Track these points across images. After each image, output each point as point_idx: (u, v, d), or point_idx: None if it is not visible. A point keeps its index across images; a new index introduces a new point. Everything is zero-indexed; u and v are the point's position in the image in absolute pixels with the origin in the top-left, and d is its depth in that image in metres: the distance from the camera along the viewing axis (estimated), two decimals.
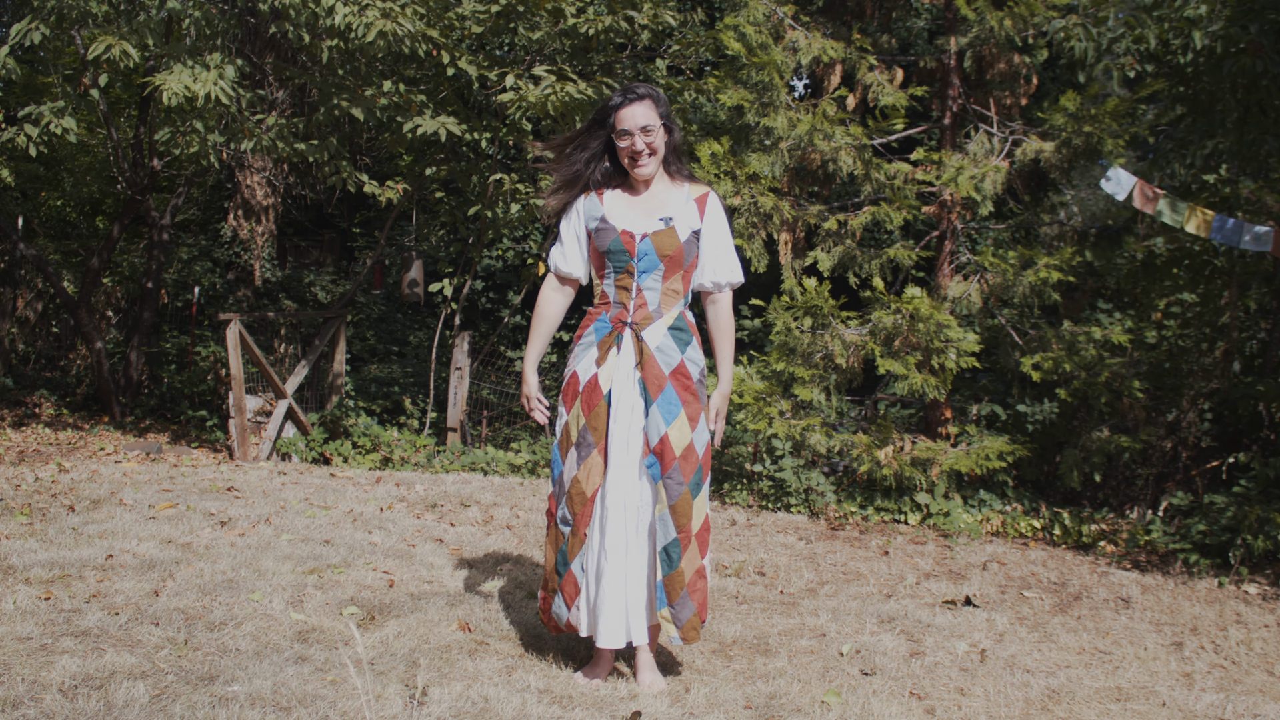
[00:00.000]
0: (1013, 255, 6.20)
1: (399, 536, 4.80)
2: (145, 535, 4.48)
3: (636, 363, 3.02)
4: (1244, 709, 3.17)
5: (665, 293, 3.04)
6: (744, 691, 3.06)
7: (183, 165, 9.71)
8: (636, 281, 3.02)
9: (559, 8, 7.81)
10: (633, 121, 2.97)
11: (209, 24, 7.57)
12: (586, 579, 3.03)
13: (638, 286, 3.03)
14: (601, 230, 3.04)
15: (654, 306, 3.03)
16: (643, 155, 3.00)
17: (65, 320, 11.21)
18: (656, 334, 3.02)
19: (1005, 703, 3.10)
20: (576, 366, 3.08)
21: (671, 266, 3.03)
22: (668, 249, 3.01)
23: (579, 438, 3.03)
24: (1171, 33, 6.03)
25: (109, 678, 2.78)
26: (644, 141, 2.98)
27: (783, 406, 6.15)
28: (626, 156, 3.02)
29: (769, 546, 5.18)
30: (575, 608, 3.04)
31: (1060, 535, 5.82)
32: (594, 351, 3.05)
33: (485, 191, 8.49)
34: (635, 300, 3.03)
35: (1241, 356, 6.82)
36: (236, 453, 7.94)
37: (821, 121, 6.15)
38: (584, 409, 3.03)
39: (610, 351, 3.03)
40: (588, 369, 3.05)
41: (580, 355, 3.08)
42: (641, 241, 3.00)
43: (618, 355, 3.03)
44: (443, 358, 9.70)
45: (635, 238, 3.00)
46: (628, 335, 3.03)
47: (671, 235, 3.01)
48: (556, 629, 3.16)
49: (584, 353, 3.08)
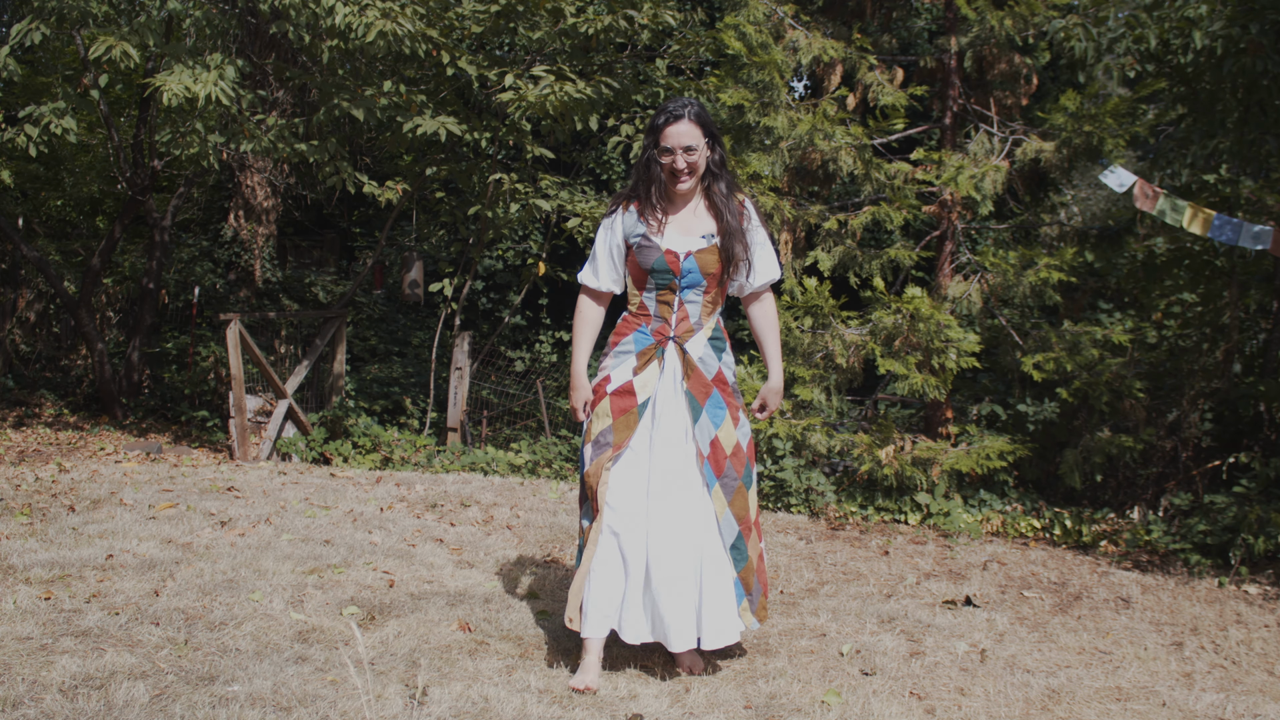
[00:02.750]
0: (1013, 255, 6.20)
1: (399, 536, 4.80)
2: (145, 535, 4.48)
3: (675, 376, 3.12)
4: (1244, 709, 3.17)
5: (705, 305, 3.16)
6: (744, 691, 3.06)
7: (183, 165, 9.71)
8: (679, 297, 3.13)
9: (559, 7, 7.81)
10: (676, 140, 3.06)
11: (209, 24, 7.57)
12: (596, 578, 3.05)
13: (680, 301, 3.13)
14: (645, 248, 3.11)
15: (695, 320, 3.15)
16: (683, 174, 3.09)
17: (66, 321, 11.21)
18: (699, 346, 3.15)
19: (1005, 703, 3.10)
20: (611, 371, 3.15)
21: (713, 282, 3.14)
22: (711, 267, 3.11)
23: (598, 436, 3.10)
24: (1171, 33, 6.03)
25: (109, 678, 2.78)
26: (686, 160, 3.07)
27: (783, 406, 6.15)
28: (668, 173, 3.11)
29: (769, 546, 5.18)
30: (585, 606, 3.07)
31: (1060, 535, 5.82)
32: (631, 360, 3.14)
33: (485, 191, 8.49)
34: (677, 314, 3.14)
35: (1242, 356, 6.82)
36: (237, 453, 7.95)
37: (822, 121, 6.15)
38: (612, 411, 3.10)
39: (650, 364, 3.13)
40: (622, 375, 3.13)
41: (616, 361, 3.16)
42: (686, 260, 3.09)
43: (660, 368, 3.13)
44: (443, 358, 9.70)
45: (680, 256, 3.09)
46: (671, 349, 3.14)
47: (715, 253, 3.11)
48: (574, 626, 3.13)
49: (620, 359, 3.15)
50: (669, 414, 3.11)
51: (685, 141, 3.06)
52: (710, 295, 3.16)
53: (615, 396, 3.11)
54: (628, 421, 3.09)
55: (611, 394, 3.12)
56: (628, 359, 3.14)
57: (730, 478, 3.12)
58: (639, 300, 3.18)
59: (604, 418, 3.11)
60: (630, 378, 3.12)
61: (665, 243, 3.11)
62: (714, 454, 3.11)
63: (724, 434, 3.13)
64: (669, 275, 3.10)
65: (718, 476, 3.11)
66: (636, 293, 3.19)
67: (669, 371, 3.13)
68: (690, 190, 3.15)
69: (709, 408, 3.12)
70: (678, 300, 3.13)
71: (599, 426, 3.11)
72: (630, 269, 3.18)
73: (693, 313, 3.15)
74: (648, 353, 3.14)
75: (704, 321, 3.17)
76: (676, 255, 3.10)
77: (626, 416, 3.09)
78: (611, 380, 3.14)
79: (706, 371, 3.14)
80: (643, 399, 3.10)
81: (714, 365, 3.16)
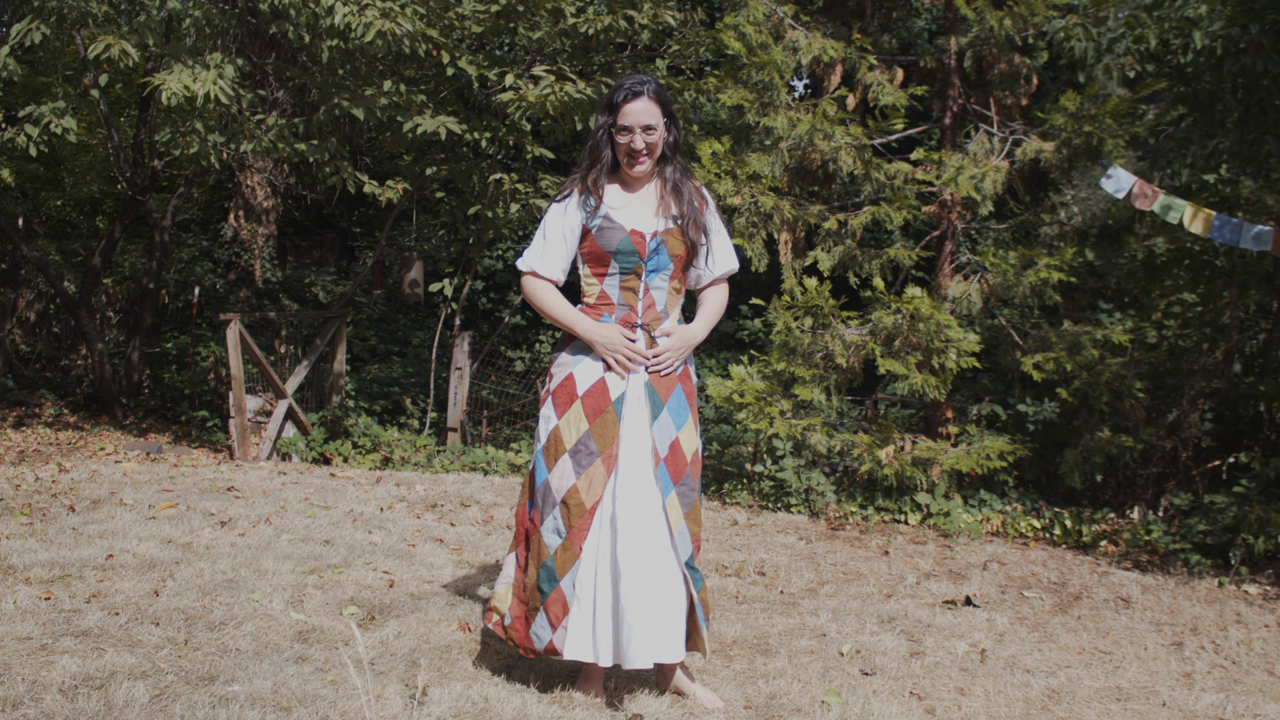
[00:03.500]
0: (1013, 255, 6.20)
1: (399, 536, 4.80)
2: (145, 535, 4.48)
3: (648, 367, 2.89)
4: (1244, 709, 3.17)
5: (671, 291, 2.94)
6: (744, 691, 3.06)
7: (183, 165, 9.71)
8: (644, 281, 2.90)
9: (559, 7, 7.81)
10: (635, 118, 2.86)
11: (209, 24, 7.57)
12: (580, 598, 2.78)
13: (646, 286, 2.90)
14: (607, 229, 2.87)
15: (661, 306, 2.92)
16: (641, 154, 2.89)
17: (66, 320, 11.21)
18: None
19: (1005, 703, 3.10)
20: (574, 369, 2.88)
21: (679, 266, 2.93)
22: (677, 249, 2.90)
23: (577, 445, 2.83)
24: (1171, 33, 6.03)
25: (109, 678, 2.78)
26: (645, 140, 2.87)
27: (783, 406, 6.15)
28: (625, 153, 2.90)
29: (769, 546, 5.18)
30: (562, 628, 2.79)
31: (1061, 535, 5.82)
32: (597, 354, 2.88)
33: (485, 191, 8.49)
34: (644, 301, 2.90)
35: (1242, 356, 6.82)
36: (237, 453, 7.95)
37: (821, 121, 6.15)
38: (587, 414, 2.84)
39: None
40: (589, 372, 2.87)
41: (578, 357, 2.89)
42: (652, 240, 2.88)
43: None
44: (443, 358, 9.70)
45: (646, 237, 2.87)
46: (640, 338, 2.89)
47: (680, 235, 2.91)
48: (532, 652, 2.86)
49: (582, 354, 2.89)
50: (635, 410, 2.86)
51: (644, 120, 2.85)
52: (675, 282, 2.93)
53: (587, 398, 2.85)
54: (605, 423, 2.83)
55: (583, 395, 2.85)
56: (591, 352, 2.88)
57: (687, 487, 2.86)
58: (598, 289, 2.91)
59: (579, 422, 2.84)
60: (601, 374, 2.86)
61: (629, 223, 2.88)
62: (672, 457, 2.86)
63: (685, 437, 2.89)
64: (634, 258, 2.86)
65: (674, 483, 2.84)
66: (595, 281, 2.92)
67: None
68: (647, 174, 2.94)
69: (671, 405, 2.88)
70: (643, 286, 2.89)
71: (574, 434, 2.83)
72: (587, 254, 2.92)
73: (659, 299, 2.91)
74: None
75: (670, 311, 2.94)
76: (643, 235, 2.87)
77: (603, 417, 2.83)
78: (577, 379, 2.87)
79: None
80: (616, 395, 2.85)
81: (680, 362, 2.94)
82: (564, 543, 2.80)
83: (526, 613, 2.87)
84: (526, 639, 2.86)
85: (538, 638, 2.83)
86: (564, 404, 2.88)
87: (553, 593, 2.79)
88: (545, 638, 2.81)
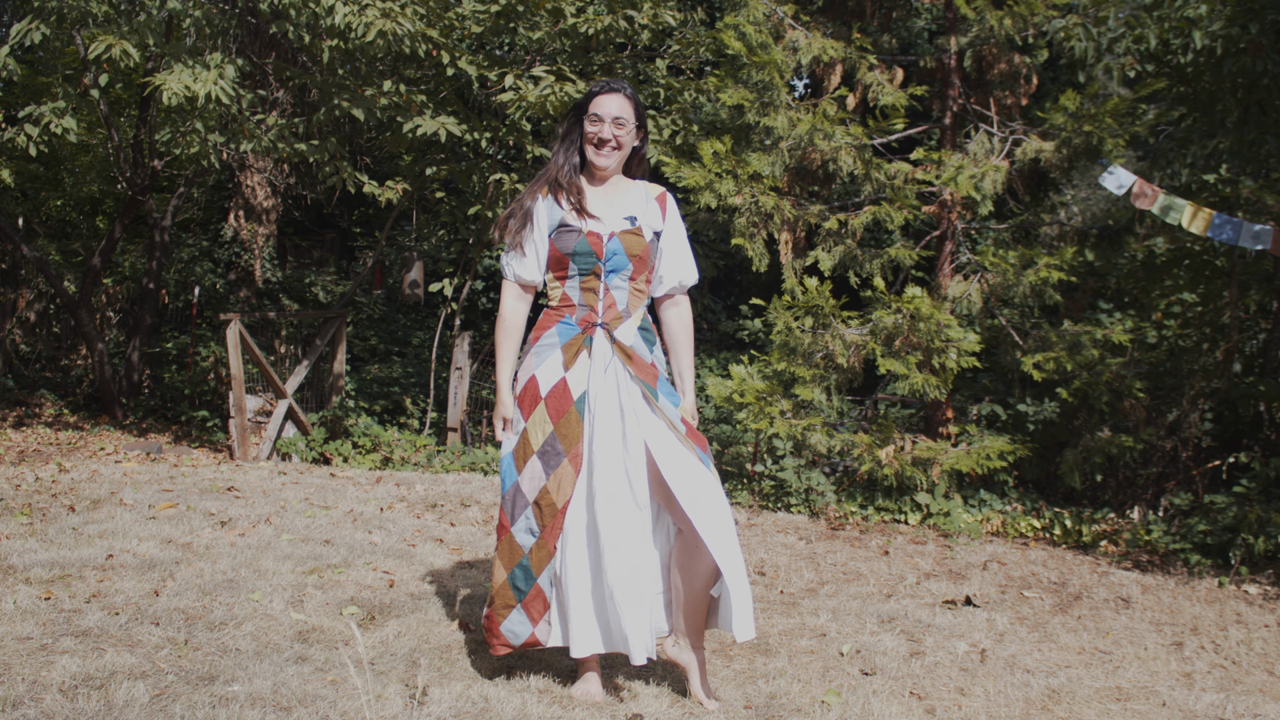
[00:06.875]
0: (1013, 255, 6.20)
1: (399, 536, 4.80)
2: (145, 535, 4.48)
3: (605, 366, 2.90)
4: (1244, 709, 3.17)
5: (632, 292, 2.96)
6: (744, 691, 3.06)
7: (183, 165, 9.71)
8: (604, 282, 2.92)
9: (559, 7, 7.81)
10: (607, 109, 2.91)
11: (209, 24, 7.57)
12: (559, 592, 2.87)
13: (605, 287, 2.92)
14: (565, 233, 2.91)
15: (623, 306, 2.94)
16: (608, 145, 2.93)
17: (66, 321, 11.21)
18: (629, 333, 2.94)
19: (1005, 703, 3.10)
20: (535, 370, 2.91)
21: (639, 266, 2.95)
22: (636, 249, 2.92)
23: (544, 446, 2.86)
24: (1171, 32, 6.03)
25: (109, 678, 2.78)
26: (613, 132, 2.91)
27: (784, 406, 6.15)
28: (592, 143, 2.94)
29: (769, 546, 5.18)
30: (545, 622, 2.88)
31: (1061, 535, 5.82)
32: (558, 355, 2.90)
33: (485, 191, 8.49)
34: (604, 301, 2.92)
35: (1242, 356, 6.82)
36: (237, 453, 7.95)
37: (822, 121, 6.15)
38: (550, 415, 2.87)
39: (580, 355, 2.91)
40: (551, 373, 2.89)
41: (539, 359, 2.92)
42: (610, 241, 2.90)
43: (589, 358, 2.91)
44: (443, 358, 9.70)
45: (602, 238, 2.90)
46: (599, 336, 2.91)
47: (639, 235, 2.94)
48: (506, 646, 2.93)
49: (544, 356, 2.92)
50: (604, 408, 2.87)
51: (616, 112, 2.90)
52: (637, 282, 2.95)
53: (550, 399, 2.87)
54: (569, 423, 2.86)
55: (546, 397, 2.88)
56: (552, 353, 2.91)
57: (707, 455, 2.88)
58: (560, 292, 2.95)
59: (543, 424, 2.87)
60: (562, 374, 2.88)
61: (586, 225, 2.90)
62: (689, 430, 2.88)
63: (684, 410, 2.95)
64: (592, 259, 2.89)
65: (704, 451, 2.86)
66: (557, 284, 2.95)
67: (599, 361, 2.90)
68: (613, 169, 2.97)
69: (662, 387, 2.91)
70: (603, 287, 2.91)
71: (540, 436, 2.87)
72: (550, 259, 2.95)
73: (620, 299, 2.92)
74: (574, 343, 2.90)
75: (632, 311, 2.95)
76: (600, 237, 2.90)
77: (567, 417, 2.86)
78: (540, 381, 2.89)
79: (644, 357, 2.94)
80: (578, 394, 2.87)
81: (647, 356, 2.95)
82: (538, 541, 2.87)
83: (499, 610, 2.93)
84: (499, 636, 2.93)
85: (511, 634, 2.91)
86: (529, 406, 2.91)
87: (532, 589, 2.88)
88: (522, 633, 2.90)
